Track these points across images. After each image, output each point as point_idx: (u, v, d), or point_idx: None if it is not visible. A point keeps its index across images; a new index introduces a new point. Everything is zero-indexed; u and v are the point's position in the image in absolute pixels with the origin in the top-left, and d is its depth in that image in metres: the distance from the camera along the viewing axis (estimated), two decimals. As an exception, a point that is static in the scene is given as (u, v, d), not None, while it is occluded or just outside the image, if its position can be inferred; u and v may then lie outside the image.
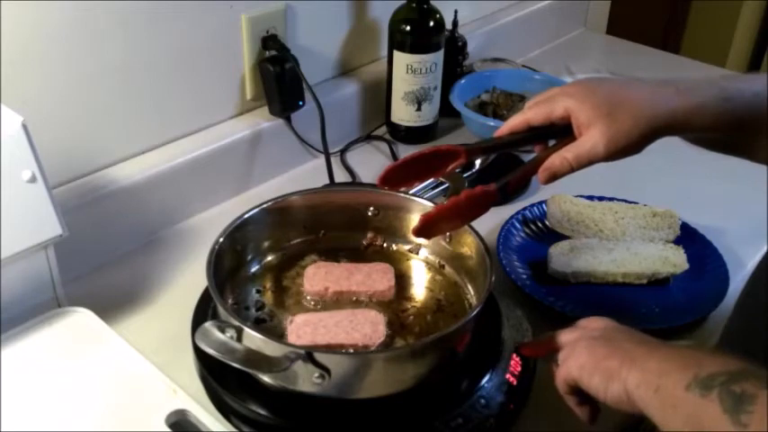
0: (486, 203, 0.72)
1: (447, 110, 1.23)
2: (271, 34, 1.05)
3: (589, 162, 0.67)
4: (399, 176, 0.74)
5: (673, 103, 0.66)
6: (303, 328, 0.73)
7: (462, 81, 1.25)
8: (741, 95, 0.67)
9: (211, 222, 0.99)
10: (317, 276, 0.81)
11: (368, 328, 0.74)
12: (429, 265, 0.86)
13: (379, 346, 0.72)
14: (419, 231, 0.72)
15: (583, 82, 0.72)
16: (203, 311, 0.78)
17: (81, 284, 0.88)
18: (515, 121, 0.71)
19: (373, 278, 0.81)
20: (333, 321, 0.74)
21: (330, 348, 0.72)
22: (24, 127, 0.71)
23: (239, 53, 1.04)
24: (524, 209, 1.01)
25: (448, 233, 0.81)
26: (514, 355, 0.76)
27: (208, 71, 1.02)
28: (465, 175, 1.03)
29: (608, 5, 1.78)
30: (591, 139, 0.66)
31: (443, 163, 0.73)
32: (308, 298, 0.80)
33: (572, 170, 0.68)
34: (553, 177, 0.69)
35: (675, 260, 0.91)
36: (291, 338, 0.73)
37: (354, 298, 0.80)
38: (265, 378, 0.69)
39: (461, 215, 0.73)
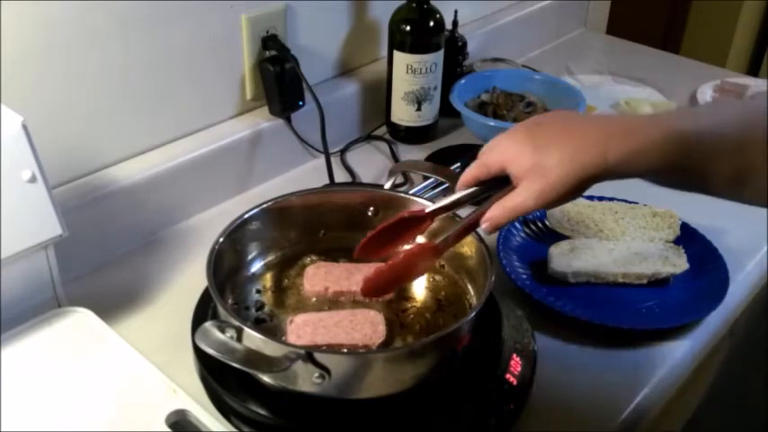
0: (430, 258, 0.74)
1: (447, 110, 1.22)
2: (271, 34, 1.05)
3: (523, 213, 0.67)
4: (375, 247, 0.77)
5: (602, 151, 0.63)
6: (303, 329, 0.73)
7: (462, 81, 1.25)
8: (683, 138, 0.62)
9: (211, 222, 0.99)
10: (317, 276, 0.81)
11: (368, 328, 0.74)
12: (429, 265, 0.86)
13: (379, 346, 0.72)
14: (365, 292, 0.76)
15: (516, 131, 0.70)
16: (203, 311, 0.78)
17: (81, 284, 0.88)
18: (466, 178, 0.73)
19: None
20: (333, 321, 0.74)
21: (330, 348, 0.72)
22: (24, 127, 0.71)
23: (239, 53, 1.04)
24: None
25: (396, 290, 0.80)
26: (514, 355, 0.76)
27: (208, 71, 1.02)
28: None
29: (608, 5, 1.78)
30: (522, 193, 0.67)
31: (413, 226, 0.76)
32: (312, 298, 0.80)
33: (510, 220, 0.69)
34: (495, 228, 0.70)
35: (675, 260, 0.91)
36: (291, 339, 0.73)
37: (354, 298, 0.80)
38: (265, 378, 0.69)
39: (405, 274, 0.76)
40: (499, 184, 0.70)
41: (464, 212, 0.74)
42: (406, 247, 0.77)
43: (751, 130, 0.60)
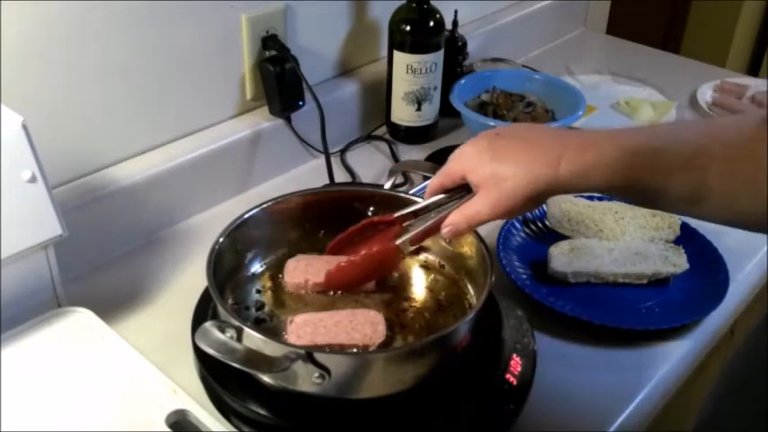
0: (391, 257, 0.78)
1: (447, 110, 1.22)
2: (271, 34, 1.05)
3: (480, 222, 0.69)
4: (345, 245, 0.81)
5: (556, 164, 0.64)
6: (303, 329, 0.73)
7: (462, 81, 1.25)
8: (637, 154, 0.62)
9: (211, 222, 0.99)
10: (298, 269, 0.81)
11: (368, 328, 0.74)
12: (429, 265, 0.86)
13: (379, 346, 0.72)
14: (326, 285, 0.79)
15: (476, 141, 0.71)
16: (203, 311, 0.78)
17: (81, 284, 0.88)
18: (433, 185, 0.75)
19: None
20: (332, 321, 0.74)
21: (330, 348, 0.72)
22: (24, 127, 0.71)
23: (239, 53, 1.04)
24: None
25: (360, 285, 0.82)
26: (514, 355, 0.76)
27: (208, 71, 1.02)
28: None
29: (608, 5, 1.78)
30: (478, 202, 0.68)
31: (383, 230, 0.79)
32: (300, 292, 0.80)
33: (469, 228, 0.71)
34: (455, 233, 0.71)
35: (675, 260, 0.91)
36: (291, 339, 0.73)
37: (339, 292, 0.80)
38: (265, 378, 0.69)
39: (366, 270, 0.79)
40: (464, 191, 0.72)
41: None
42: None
43: (707, 148, 0.60)
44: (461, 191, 0.73)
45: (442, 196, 0.75)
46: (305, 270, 0.81)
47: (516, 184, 0.65)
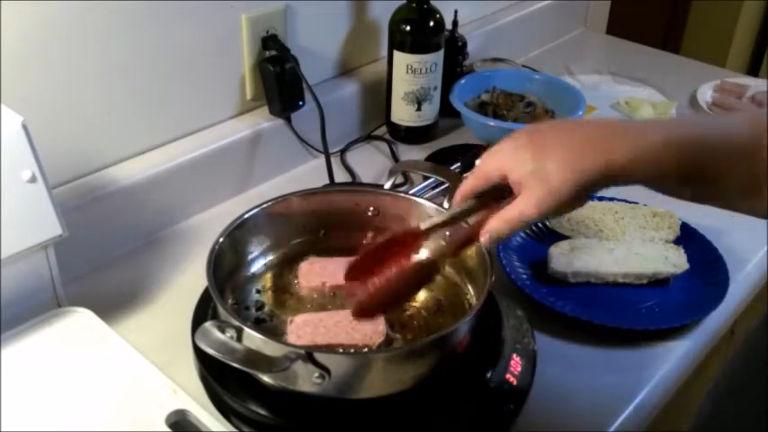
0: (426, 274, 0.71)
1: (447, 110, 1.22)
2: (271, 34, 1.05)
3: (524, 225, 0.65)
4: (366, 268, 0.72)
5: (605, 154, 0.60)
6: (303, 328, 0.73)
7: (462, 81, 1.25)
8: (687, 143, 0.59)
9: (211, 222, 0.99)
10: (312, 272, 0.81)
11: (368, 328, 0.74)
12: (429, 265, 0.86)
13: (379, 347, 0.72)
14: (357, 314, 0.70)
15: (518, 135, 0.67)
16: (203, 311, 0.78)
17: (81, 284, 0.88)
18: (464, 190, 0.70)
19: None
20: (333, 321, 0.74)
21: (330, 348, 0.72)
22: (24, 127, 0.71)
23: (239, 53, 1.04)
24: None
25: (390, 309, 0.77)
26: (514, 355, 0.76)
27: (208, 71, 1.02)
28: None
29: (608, 5, 1.78)
30: (522, 202, 0.63)
31: (407, 244, 0.72)
32: (313, 294, 0.80)
33: (511, 232, 0.66)
34: (495, 241, 0.67)
35: (675, 260, 0.91)
36: (291, 338, 0.73)
37: (355, 292, 0.80)
38: (265, 378, 0.69)
39: (402, 289, 0.71)
40: (497, 198, 0.67)
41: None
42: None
43: (760, 137, 0.57)
44: (493, 198, 0.68)
45: (471, 204, 0.69)
46: (320, 273, 0.81)
47: (564, 177, 0.61)
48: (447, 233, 0.75)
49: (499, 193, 0.67)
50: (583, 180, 0.61)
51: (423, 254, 0.73)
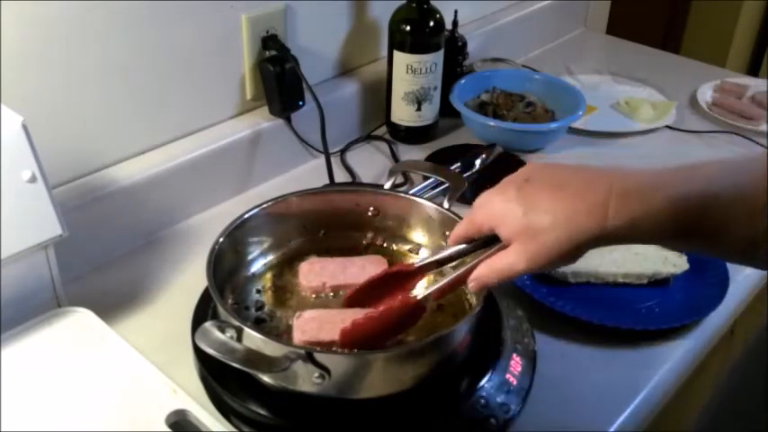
0: (412, 313, 0.71)
1: (447, 110, 1.23)
2: (271, 34, 1.05)
3: (513, 276, 0.63)
4: (364, 298, 0.75)
5: (601, 215, 0.57)
6: (309, 324, 0.74)
7: (462, 81, 1.25)
8: (693, 202, 0.56)
9: (211, 222, 0.99)
10: (312, 272, 0.81)
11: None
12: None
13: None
14: (342, 343, 0.71)
15: (504, 190, 0.64)
16: (203, 311, 0.78)
17: (81, 284, 0.88)
18: (457, 234, 0.69)
19: (368, 270, 0.81)
20: (339, 319, 0.74)
21: (332, 346, 0.72)
22: (24, 127, 0.71)
23: (239, 53, 1.04)
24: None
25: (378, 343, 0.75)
26: (514, 355, 0.76)
27: (208, 71, 1.02)
28: (465, 175, 1.03)
29: (608, 5, 1.78)
30: (512, 255, 0.62)
31: (403, 280, 0.74)
32: (312, 295, 0.80)
33: (499, 281, 0.65)
34: (481, 287, 0.66)
35: (675, 260, 0.91)
36: (296, 333, 0.73)
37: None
38: (265, 378, 0.69)
39: (386, 328, 0.72)
40: (491, 240, 0.66)
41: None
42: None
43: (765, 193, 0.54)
44: (487, 241, 0.67)
45: (464, 246, 0.70)
46: (320, 273, 0.81)
47: (557, 236, 0.59)
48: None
49: (491, 240, 0.67)
50: (576, 239, 0.59)
51: (417, 289, 0.74)
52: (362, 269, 0.81)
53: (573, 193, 0.60)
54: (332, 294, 0.80)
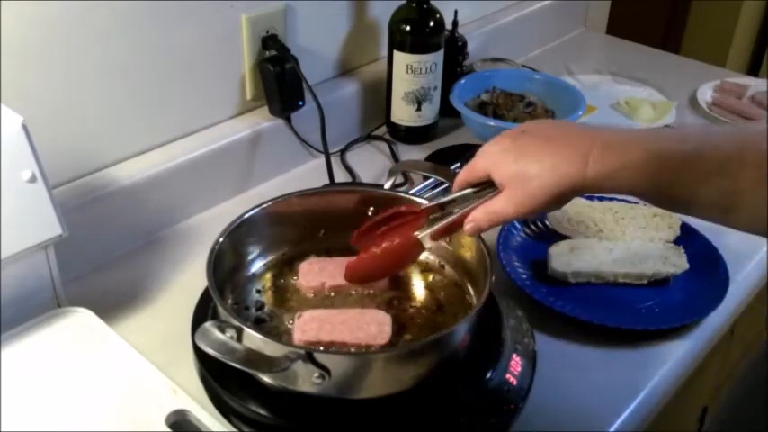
0: (412, 250, 0.76)
1: (447, 110, 1.22)
2: (271, 34, 1.05)
3: (504, 221, 0.69)
4: (371, 237, 0.79)
5: (582, 164, 0.63)
6: (309, 324, 0.74)
7: (462, 81, 1.25)
8: (667, 158, 0.61)
9: (211, 222, 0.99)
10: (312, 272, 0.81)
11: (374, 328, 0.74)
12: (429, 265, 0.86)
13: (383, 347, 0.72)
14: (347, 277, 0.79)
15: (501, 138, 0.70)
16: (203, 311, 0.78)
17: (81, 284, 0.88)
18: (459, 180, 0.74)
19: None
20: (339, 319, 0.74)
21: (332, 346, 0.72)
22: (24, 127, 0.71)
23: (239, 53, 1.04)
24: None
25: (380, 278, 0.82)
26: (514, 355, 0.76)
27: (208, 71, 1.02)
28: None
29: (608, 5, 1.78)
30: (502, 200, 0.68)
31: (408, 222, 0.77)
32: (312, 295, 0.80)
33: (492, 225, 0.69)
34: (477, 230, 0.71)
35: (675, 260, 0.91)
36: (296, 333, 0.73)
37: (353, 291, 0.80)
38: (265, 378, 0.69)
39: (388, 263, 0.79)
40: (490, 187, 0.71)
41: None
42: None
43: (740, 154, 0.58)
44: (487, 186, 0.72)
45: (469, 191, 0.73)
46: (319, 273, 0.81)
47: (542, 183, 0.64)
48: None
49: (489, 186, 0.71)
50: (559, 186, 0.64)
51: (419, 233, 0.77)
52: None
53: (560, 144, 0.65)
54: (332, 294, 0.80)
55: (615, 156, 0.62)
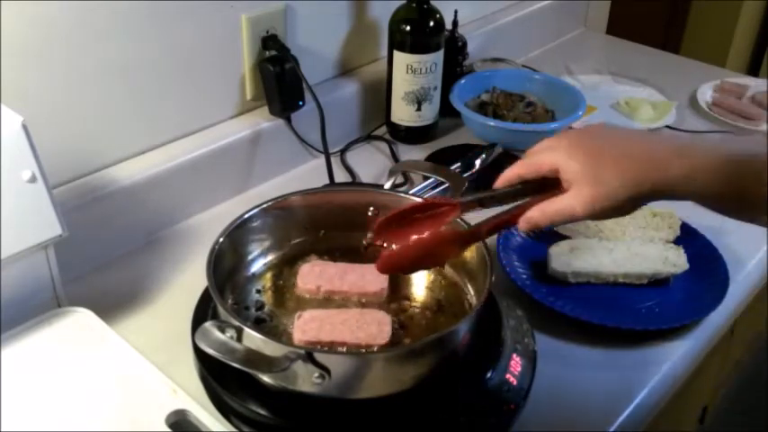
0: (456, 246, 0.72)
1: (447, 110, 1.23)
2: (271, 34, 1.05)
3: (570, 220, 0.66)
4: (393, 228, 0.73)
5: (667, 166, 0.61)
6: (309, 324, 0.74)
7: (462, 81, 1.25)
8: (743, 160, 0.60)
9: (211, 222, 0.99)
10: (311, 275, 0.81)
11: (374, 328, 0.74)
12: (429, 265, 0.86)
13: (383, 347, 0.72)
14: (380, 267, 0.72)
15: (573, 134, 0.68)
16: (203, 311, 0.78)
17: (81, 284, 0.88)
18: (510, 174, 0.70)
19: (366, 279, 0.80)
20: (340, 319, 0.74)
21: (332, 346, 0.72)
22: (24, 127, 0.71)
23: (239, 53, 1.04)
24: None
25: (418, 272, 0.78)
26: (514, 355, 0.76)
27: (208, 71, 1.02)
28: (465, 175, 1.03)
29: (608, 5, 1.78)
30: (572, 198, 0.64)
31: (438, 215, 0.72)
32: (308, 297, 0.80)
33: (552, 224, 0.67)
34: (532, 229, 0.68)
35: (675, 260, 0.91)
36: (297, 333, 0.73)
37: (347, 298, 0.80)
38: (265, 378, 0.69)
39: (428, 255, 0.72)
40: (540, 187, 0.68)
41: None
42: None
43: None
44: (537, 186, 0.68)
45: (514, 188, 0.70)
46: (318, 276, 0.81)
47: (620, 185, 0.62)
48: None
49: (541, 187, 0.68)
50: (638, 190, 0.62)
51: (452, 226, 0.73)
52: (361, 277, 0.81)
53: (639, 147, 0.63)
54: (325, 299, 0.80)
55: (694, 159, 0.61)
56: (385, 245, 0.72)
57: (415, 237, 0.71)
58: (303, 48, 1.10)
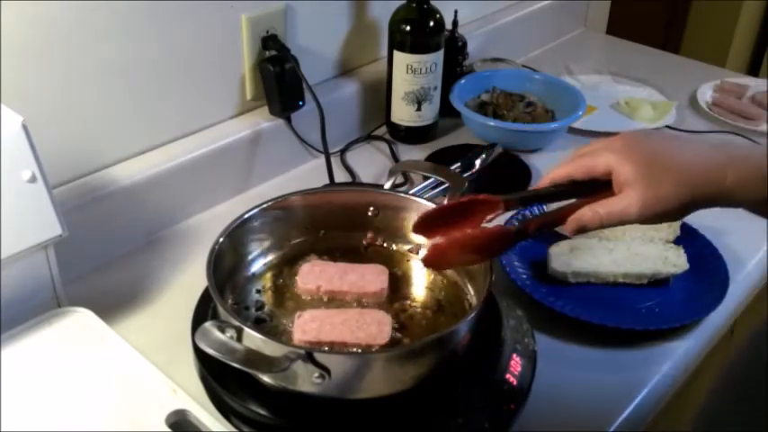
0: (504, 243, 0.70)
1: (447, 110, 1.23)
2: (271, 34, 1.06)
3: (620, 222, 0.64)
4: (434, 224, 0.71)
5: (722, 172, 0.62)
6: (309, 324, 0.74)
7: (462, 81, 1.25)
8: None
9: (211, 222, 0.99)
10: (311, 274, 0.81)
11: (374, 328, 0.74)
12: (429, 265, 0.86)
13: (383, 347, 0.72)
14: (427, 261, 0.72)
15: (629, 136, 0.67)
16: (203, 311, 0.78)
17: (81, 284, 0.88)
18: (558, 174, 0.69)
19: (366, 279, 0.80)
20: (340, 319, 0.74)
21: (332, 346, 0.72)
22: (24, 127, 0.71)
23: (239, 53, 1.04)
24: (524, 209, 1.01)
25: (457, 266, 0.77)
26: (514, 355, 0.76)
27: (208, 71, 1.02)
28: (465, 175, 1.03)
29: (608, 5, 1.78)
30: (625, 200, 0.63)
31: (480, 212, 0.70)
32: (308, 297, 0.80)
33: (601, 226, 0.65)
34: (581, 230, 0.66)
35: (675, 260, 0.91)
36: (296, 333, 0.73)
37: (347, 298, 0.80)
38: (265, 378, 0.69)
39: (477, 251, 0.70)
40: (589, 188, 0.67)
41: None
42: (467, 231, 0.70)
43: None
44: (585, 187, 0.67)
45: (561, 187, 0.68)
46: (318, 276, 0.81)
47: (677, 190, 0.62)
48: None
49: (590, 188, 0.67)
50: (694, 195, 0.62)
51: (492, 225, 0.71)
52: (362, 277, 0.81)
53: (696, 152, 0.64)
54: (325, 299, 0.80)
55: (749, 166, 0.62)
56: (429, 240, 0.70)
57: (463, 232, 0.69)
58: (303, 48, 1.10)
